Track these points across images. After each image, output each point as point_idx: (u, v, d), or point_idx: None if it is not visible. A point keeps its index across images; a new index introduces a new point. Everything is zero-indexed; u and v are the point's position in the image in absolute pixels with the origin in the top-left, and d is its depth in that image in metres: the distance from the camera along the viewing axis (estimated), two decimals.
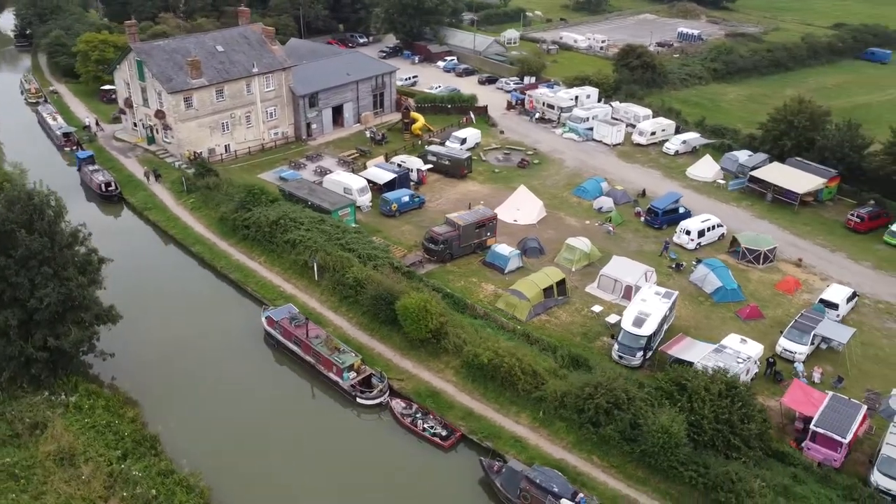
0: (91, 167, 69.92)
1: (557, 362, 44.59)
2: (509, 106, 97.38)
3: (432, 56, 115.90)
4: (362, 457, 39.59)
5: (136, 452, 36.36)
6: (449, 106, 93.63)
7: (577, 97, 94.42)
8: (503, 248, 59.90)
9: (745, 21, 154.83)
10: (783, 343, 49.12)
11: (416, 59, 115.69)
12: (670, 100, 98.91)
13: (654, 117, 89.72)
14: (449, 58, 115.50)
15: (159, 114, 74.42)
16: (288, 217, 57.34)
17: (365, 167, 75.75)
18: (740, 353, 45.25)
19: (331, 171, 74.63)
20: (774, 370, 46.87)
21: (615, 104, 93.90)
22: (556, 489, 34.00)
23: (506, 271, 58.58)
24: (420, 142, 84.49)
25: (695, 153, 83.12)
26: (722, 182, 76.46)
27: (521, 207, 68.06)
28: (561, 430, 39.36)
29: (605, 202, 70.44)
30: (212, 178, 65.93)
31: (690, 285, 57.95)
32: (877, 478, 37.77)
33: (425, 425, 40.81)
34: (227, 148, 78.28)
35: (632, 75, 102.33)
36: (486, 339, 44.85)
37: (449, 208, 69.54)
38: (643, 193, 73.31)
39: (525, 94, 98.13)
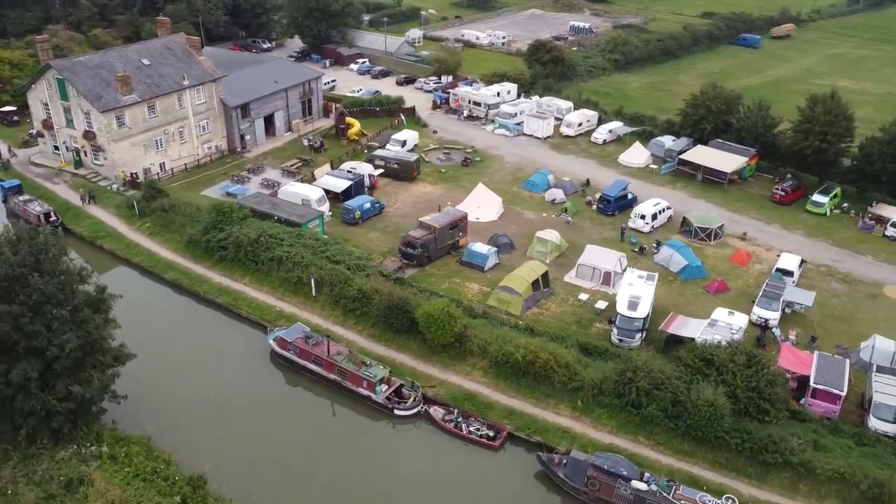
0: (21, 198, 64.18)
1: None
2: (435, 106, 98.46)
3: (343, 59, 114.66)
4: (413, 468, 39.72)
5: (195, 497, 34.53)
6: (377, 109, 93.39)
7: (498, 93, 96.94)
8: (480, 247, 61.12)
9: (625, 13, 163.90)
10: (757, 311, 53.58)
11: (327, 62, 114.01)
12: (581, 91, 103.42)
13: (575, 109, 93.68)
14: (361, 60, 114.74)
15: (88, 134, 69.46)
16: (267, 234, 55.63)
17: (313, 176, 74.43)
18: (731, 324, 49.13)
19: (278, 183, 72.91)
20: (757, 336, 51.13)
21: (535, 98, 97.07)
22: (624, 472, 35.92)
23: (485, 269, 59.84)
24: (361, 146, 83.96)
25: (619, 141, 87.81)
26: (654, 167, 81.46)
27: (482, 205, 69.50)
28: (602, 416, 41.38)
29: (557, 194, 73.23)
30: (165, 200, 62.52)
31: (656, 267, 61.58)
32: (873, 422, 42.45)
33: (471, 428, 41.48)
34: (162, 166, 74.33)
35: (544, 70, 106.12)
36: (503, 337, 46.00)
37: (408, 212, 69.97)
38: (587, 183, 76.83)
39: (448, 93, 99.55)
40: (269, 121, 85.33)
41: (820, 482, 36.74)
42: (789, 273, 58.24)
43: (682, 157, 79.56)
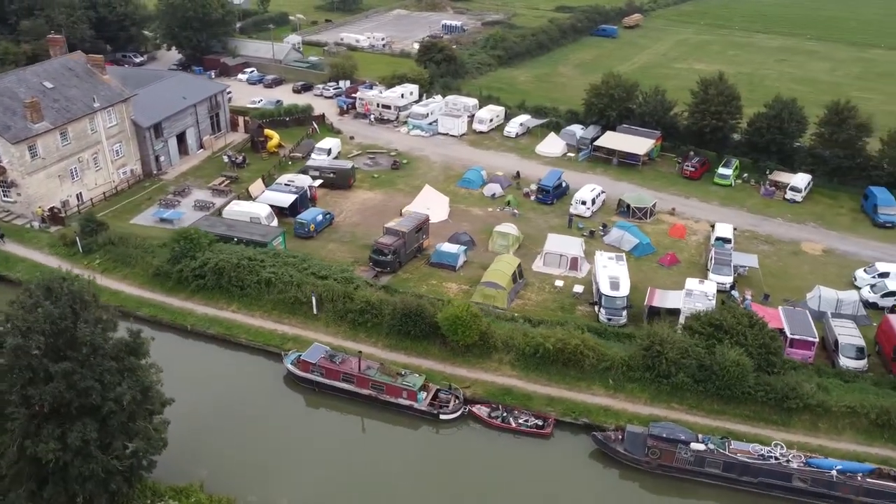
0: None
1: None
2: (342, 112, 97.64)
3: (230, 70, 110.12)
4: (475, 468, 40.46)
5: None
6: (287, 119, 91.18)
7: (402, 95, 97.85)
8: (449, 247, 62.29)
9: (485, 10, 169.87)
10: (713, 277, 59.11)
11: (211, 74, 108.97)
12: (473, 88, 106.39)
13: (481, 106, 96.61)
14: (249, 70, 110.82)
15: None
16: (246, 257, 53.38)
17: (247, 193, 71.78)
18: (706, 292, 54.06)
19: (212, 204, 69.87)
20: (723, 300, 56.50)
21: (443, 98, 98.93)
22: (682, 437, 39.06)
23: (457, 268, 61.14)
24: (285, 157, 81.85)
25: (530, 133, 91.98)
26: (572, 155, 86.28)
27: (431, 206, 70.46)
28: (635, 390, 44.38)
29: (494, 188, 75.80)
30: (111, 233, 57.87)
31: (608, 248, 65.79)
32: (843, 361, 48.74)
33: (519, 420, 42.86)
34: (79, 197, 68.50)
35: (438, 69, 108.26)
36: (520, 330, 47.73)
37: (358, 220, 69.75)
38: (518, 175, 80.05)
39: (353, 97, 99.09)
40: (180, 139, 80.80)
41: (836, 418, 42.11)
42: (727, 240, 64.59)
43: (597, 143, 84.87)
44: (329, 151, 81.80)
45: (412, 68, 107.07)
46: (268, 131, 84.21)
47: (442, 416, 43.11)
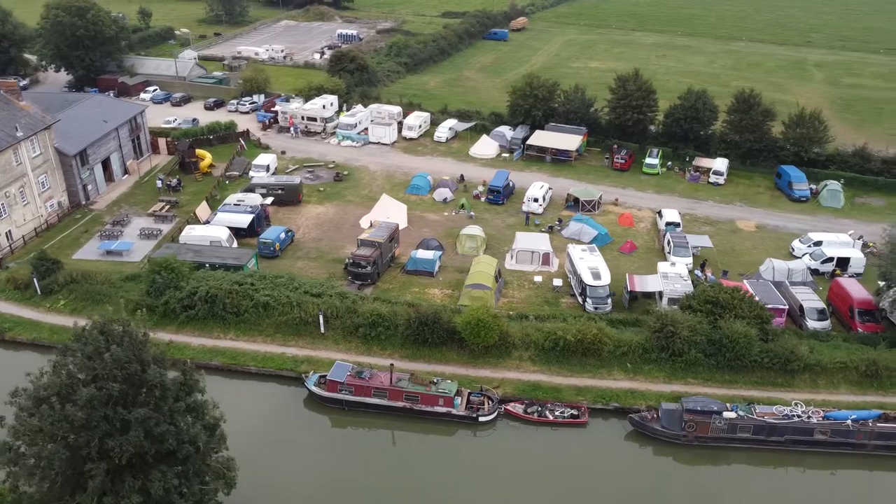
0: None
1: None
2: (264, 126, 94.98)
3: (129, 90, 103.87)
4: (520, 465, 41.18)
5: None
6: (211, 137, 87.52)
7: (324, 106, 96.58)
8: (424, 253, 62.58)
9: (372, 18, 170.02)
10: (674, 259, 63.11)
11: (110, 94, 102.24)
12: (390, 95, 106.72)
13: (405, 113, 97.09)
14: (151, 88, 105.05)
15: None
16: (236, 282, 51.11)
17: (196, 217, 68.57)
18: (680, 273, 57.82)
19: (159, 231, 66.30)
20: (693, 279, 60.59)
21: (359, 107, 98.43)
22: (715, 408, 41.82)
23: (435, 273, 61.61)
24: (224, 177, 78.61)
25: (458, 137, 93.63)
26: (506, 156, 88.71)
27: (391, 214, 70.34)
28: (652, 371, 46.84)
29: (444, 193, 76.74)
30: (70, 271, 53.41)
31: (568, 240, 68.45)
32: (810, 323, 53.77)
33: (555, 412, 44.03)
34: (9, 235, 62.69)
35: (353, 78, 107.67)
36: (531, 326, 49.05)
37: (318, 235, 68.61)
38: (462, 178, 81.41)
39: (273, 111, 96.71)
40: (104, 165, 75.68)
41: (831, 374, 46.57)
42: (677, 224, 69.12)
43: (529, 142, 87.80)
44: (268, 168, 79.47)
45: (327, 79, 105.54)
46: (199, 151, 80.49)
47: (481, 419, 43.54)
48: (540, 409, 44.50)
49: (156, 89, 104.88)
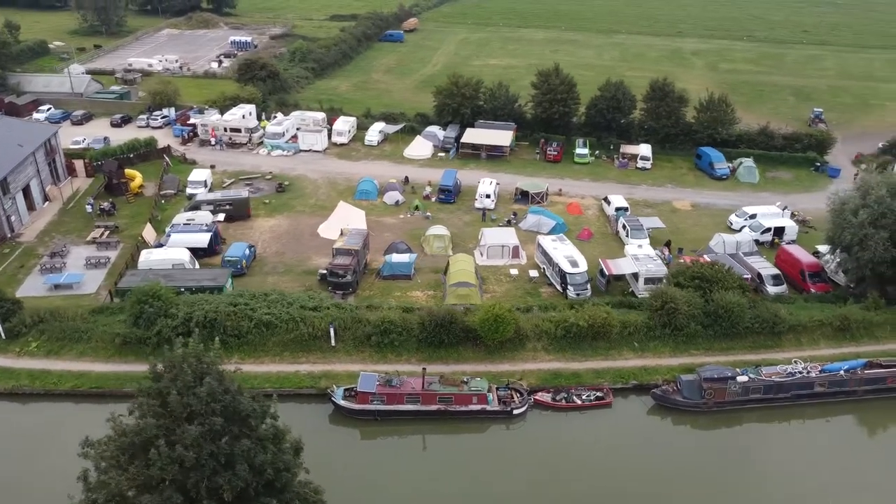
0: None
1: None
2: (184, 141, 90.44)
3: (19, 109, 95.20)
4: (559, 451, 42.36)
5: None
6: (132, 156, 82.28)
7: (244, 116, 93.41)
8: (400, 257, 62.42)
9: (260, 23, 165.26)
10: (633, 241, 66.62)
11: None
12: (303, 101, 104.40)
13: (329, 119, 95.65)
14: (44, 107, 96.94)
15: None
16: (231, 304, 48.76)
17: (143, 240, 64.62)
18: (648, 254, 61.29)
19: (107, 258, 62.05)
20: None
21: (279, 115, 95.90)
22: (729, 374, 44.92)
23: (412, 276, 61.64)
24: (160, 196, 74.22)
25: (388, 139, 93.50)
26: (442, 155, 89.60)
27: (350, 221, 69.41)
28: (658, 347, 49.45)
29: (394, 196, 76.62)
30: (37, 310, 48.80)
31: (528, 232, 70.41)
32: (770, 289, 58.69)
33: (582, 397, 45.53)
34: None
35: (265, 86, 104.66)
36: (538, 316, 50.37)
37: (279, 248, 66.67)
38: (407, 180, 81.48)
39: (191, 125, 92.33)
40: (24, 193, 69.40)
41: (810, 331, 51.19)
42: (626, 209, 72.88)
43: (463, 140, 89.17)
44: (205, 183, 75.90)
45: (241, 89, 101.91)
46: (129, 171, 75.48)
47: (514, 412, 44.28)
48: (567, 395, 45.90)
49: (50, 108, 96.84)
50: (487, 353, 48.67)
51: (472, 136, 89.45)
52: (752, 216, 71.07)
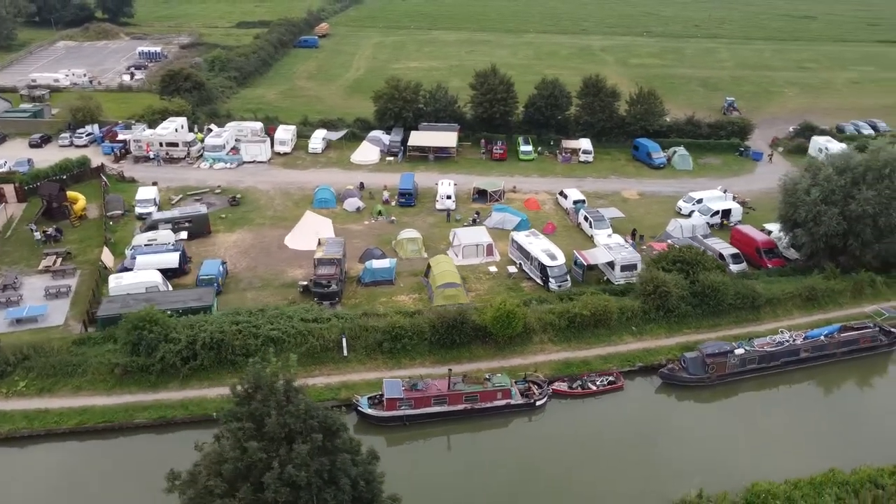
0: None
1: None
2: (116, 158, 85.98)
3: None
4: (582, 436, 43.85)
5: None
6: (65, 177, 77.52)
7: (176, 130, 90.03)
8: (381, 263, 62.22)
9: (163, 33, 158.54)
10: (598, 231, 69.30)
11: None
12: (232, 111, 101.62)
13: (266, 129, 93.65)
14: None
15: None
16: (234, 322, 47.20)
17: (103, 265, 61.35)
18: (620, 242, 64.12)
19: (68, 287, 58.59)
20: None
21: (214, 127, 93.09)
22: (728, 348, 47.86)
23: (393, 280, 61.70)
24: (109, 217, 70.38)
25: (332, 146, 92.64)
26: (391, 159, 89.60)
27: (319, 230, 68.47)
28: (654, 329, 51.87)
29: (355, 203, 76.11)
30: (18, 347, 45.36)
31: (493, 229, 71.70)
32: (733, 267, 62.71)
33: (596, 383, 47.20)
34: None
35: (192, 97, 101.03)
36: (539, 309, 51.79)
37: (251, 264, 64.96)
38: (362, 186, 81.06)
39: (121, 142, 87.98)
40: None
41: (783, 303, 55.22)
42: (583, 202, 75.67)
43: (410, 143, 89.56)
44: (154, 201, 72.68)
45: (169, 102, 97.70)
46: (71, 194, 71.06)
47: (538, 403, 45.38)
48: (582, 382, 47.51)
49: None
50: (498, 350, 49.58)
51: (419, 138, 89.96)
52: (699, 201, 75.39)
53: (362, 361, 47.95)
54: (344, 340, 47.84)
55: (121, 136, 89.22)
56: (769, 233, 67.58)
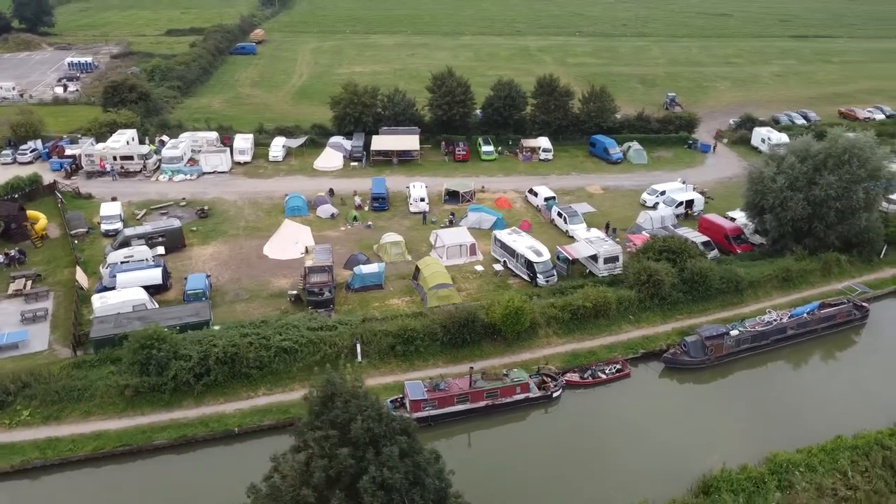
0: None
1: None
2: (67, 174, 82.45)
3: None
4: (597, 423, 45.27)
5: None
6: (16, 196, 73.80)
7: (127, 142, 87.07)
8: (370, 268, 62.08)
9: (89, 42, 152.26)
10: (573, 226, 71.13)
11: None
12: (179, 121, 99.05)
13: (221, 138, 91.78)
14: None
15: None
16: (245, 335, 46.26)
17: (80, 286, 58.95)
18: (601, 236, 66.17)
19: (45, 311, 56.19)
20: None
21: (166, 138, 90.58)
22: (724, 330, 50.25)
23: (383, 285, 61.81)
24: (74, 236, 67.45)
25: (292, 154, 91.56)
26: (355, 164, 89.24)
27: (299, 239, 67.73)
28: (650, 317, 53.82)
29: (328, 209, 75.57)
30: (15, 374, 43.09)
31: (470, 229, 72.62)
32: (708, 254, 65.81)
33: (605, 371, 48.65)
34: None
35: (138, 108, 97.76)
36: (540, 304, 53.04)
37: (234, 276, 63.67)
38: (331, 192, 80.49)
39: (71, 157, 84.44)
40: None
41: (763, 285, 58.28)
42: (553, 198, 77.55)
43: (373, 148, 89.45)
44: (120, 217, 70.22)
45: (118, 113, 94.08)
46: (31, 213, 67.71)
47: (554, 395, 46.49)
48: (592, 372, 48.95)
49: None
50: (506, 346, 50.45)
51: (382, 142, 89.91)
52: (663, 192, 78.44)
53: (376, 366, 47.88)
54: (358, 346, 47.63)
55: (69, 151, 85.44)
56: (733, 220, 71.04)
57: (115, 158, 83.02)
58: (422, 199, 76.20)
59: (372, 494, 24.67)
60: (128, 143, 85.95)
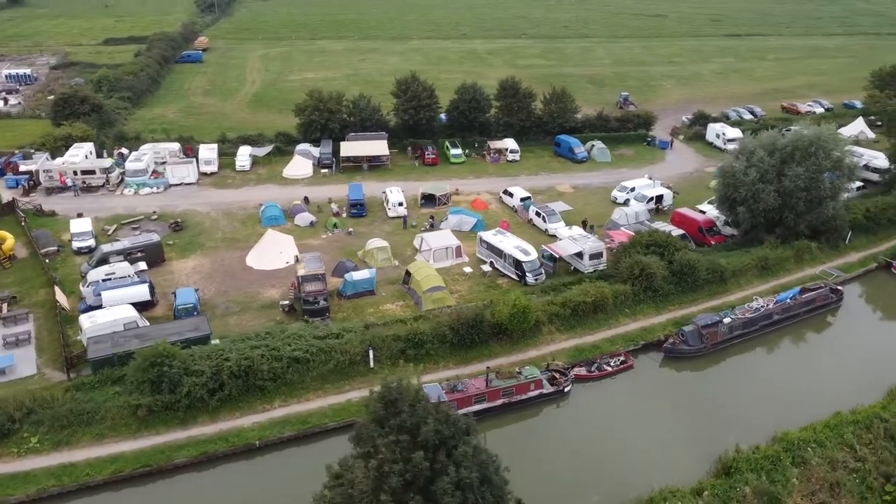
0: None
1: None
2: (24, 191, 79.19)
3: None
4: (606, 415, 46.43)
5: None
6: None
7: (87, 156, 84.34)
8: (361, 274, 62.00)
9: (23, 52, 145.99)
10: (553, 224, 72.64)
11: None
12: (138, 132, 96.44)
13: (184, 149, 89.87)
14: None
15: None
16: (255, 346, 45.55)
17: (61, 307, 56.94)
18: (583, 233, 67.85)
19: (29, 334, 54.09)
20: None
21: (125, 150, 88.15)
22: (718, 318, 52.29)
23: (374, 291, 61.83)
24: (44, 255, 64.88)
25: (258, 162, 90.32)
26: (325, 171, 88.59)
27: (283, 249, 67.01)
28: (645, 309, 55.49)
29: (306, 217, 74.96)
30: (19, 401, 41.24)
31: (452, 231, 73.21)
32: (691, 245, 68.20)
33: (610, 363, 49.95)
34: None
35: (91, 121, 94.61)
36: (542, 301, 54.06)
37: (221, 288, 62.60)
38: (307, 200, 79.78)
39: (25, 173, 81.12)
40: None
41: (744, 274, 60.83)
42: (529, 198, 78.90)
43: (343, 154, 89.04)
44: (92, 233, 67.98)
45: (72, 126, 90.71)
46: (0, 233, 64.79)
47: (566, 390, 47.48)
48: (598, 365, 50.21)
49: None
50: (512, 344, 51.20)
51: (350, 148, 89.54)
52: (632, 189, 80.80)
53: (389, 371, 47.73)
54: (371, 352, 47.53)
55: (23, 167, 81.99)
56: (703, 213, 73.81)
57: (75, 173, 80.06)
58: (400, 204, 76.31)
59: (451, 495, 24.94)
60: (86, 156, 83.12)
